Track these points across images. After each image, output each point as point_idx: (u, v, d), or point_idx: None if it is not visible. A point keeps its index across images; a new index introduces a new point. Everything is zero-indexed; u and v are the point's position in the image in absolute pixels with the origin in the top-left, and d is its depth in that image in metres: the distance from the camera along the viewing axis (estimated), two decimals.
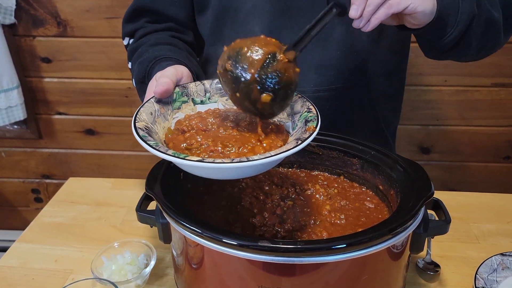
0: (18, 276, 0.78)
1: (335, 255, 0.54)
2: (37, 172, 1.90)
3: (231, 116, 0.65)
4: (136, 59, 0.86)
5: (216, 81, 0.70)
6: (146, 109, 0.63)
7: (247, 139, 0.60)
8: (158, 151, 0.53)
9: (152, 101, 0.65)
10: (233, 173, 0.58)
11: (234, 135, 0.61)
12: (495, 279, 0.73)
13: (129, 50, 0.91)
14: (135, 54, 0.88)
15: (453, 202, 0.94)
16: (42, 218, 0.93)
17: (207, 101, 0.70)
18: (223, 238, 0.55)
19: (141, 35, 0.90)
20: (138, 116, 0.60)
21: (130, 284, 0.72)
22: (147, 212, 0.68)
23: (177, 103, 0.67)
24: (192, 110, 0.69)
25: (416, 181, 0.66)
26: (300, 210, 0.71)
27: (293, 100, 0.65)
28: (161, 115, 0.64)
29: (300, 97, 0.66)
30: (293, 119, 0.65)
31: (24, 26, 1.59)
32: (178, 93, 0.68)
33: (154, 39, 0.88)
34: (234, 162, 0.52)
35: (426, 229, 0.63)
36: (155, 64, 0.79)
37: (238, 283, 0.59)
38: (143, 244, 0.78)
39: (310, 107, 0.63)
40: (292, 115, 0.65)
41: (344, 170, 0.79)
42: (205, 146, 0.59)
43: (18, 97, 1.64)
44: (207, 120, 0.64)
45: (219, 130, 0.62)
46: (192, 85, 0.70)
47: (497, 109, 1.62)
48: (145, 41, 0.88)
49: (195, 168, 0.56)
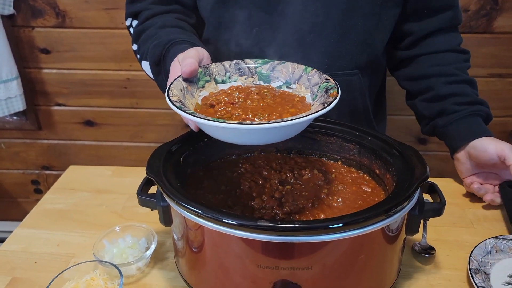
0: (21, 260, 0.79)
1: (332, 234, 0.56)
2: (36, 164, 1.91)
3: (255, 90, 0.68)
4: (144, 41, 0.87)
5: (235, 62, 0.74)
6: (175, 86, 0.66)
7: (274, 108, 0.63)
8: (198, 117, 0.56)
9: (180, 79, 0.68)
10: (267, 135, 0.60)
11: (262, 106, 0.64)
12: (489, 261, 0.75)
13: (135, 32, 0.91)
14: (143, 36, 0.88)
15: (449, 189, 0.95)
16: (44, 205, 0.94)
17: (228, 80, 0.73)
18: (223, 218, 0.56)
19: (146, 17, 0.90)
20: (170, 92, 0.64)
21: (131, 266, 0.73)
22: (147, 196, 0.69)
23: (201, 82, 0.71)
24: (214, 89, 0.72)
25: (411, 165, 0.67)
26: (298, 194, 0.73)
27: (310, 74, 0.69)
28: (188, 93, 0.68)
29: (317, 71, 0.69)
30: (312, 90, 0.68)
31: (23, 16, 1.60)
32: (201, 73, 0.71)
33: (161, 21, 0.88)
34: (270, 123, 0.54)
35: (421, 211, 0.65)
36: (170, 47, 0.80)
37: (237, 263, 0.60)
38: (144, 228, 0.80)
39: (328, 78, 0.66)
40: (311, 87, 0.68)
41: (342, 155, 0.81)
42: (237, 115, 0.62)
43: (18, 88, 1.64)
44: (232, 95, 0.67)
45: (246, 103, 0.65)
46: (213, 66, 0.73)
47: (493, 100, 1.62)
48: (151, 24, 0.89)
49: (234, 131, 0.58)
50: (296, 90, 0.70)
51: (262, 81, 0.73)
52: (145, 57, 0.86)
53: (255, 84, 0.73)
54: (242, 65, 0.74)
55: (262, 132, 0.58)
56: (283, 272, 0.59)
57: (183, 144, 0.76)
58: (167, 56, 0.80)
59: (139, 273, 0.75)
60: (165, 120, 1.76)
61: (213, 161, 0.81)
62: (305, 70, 0.70)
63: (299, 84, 0.71)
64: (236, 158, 0.83)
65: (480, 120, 0.91)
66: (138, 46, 0.90)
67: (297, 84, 0.71)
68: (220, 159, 0.82)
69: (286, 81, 0.72)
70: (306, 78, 0.70)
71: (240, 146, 0.83)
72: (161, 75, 0.82)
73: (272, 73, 0.73)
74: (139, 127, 1.78)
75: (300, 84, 0.70)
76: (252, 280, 0.61)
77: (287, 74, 0.72)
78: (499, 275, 0.72)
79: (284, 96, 0.68)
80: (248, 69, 0.74)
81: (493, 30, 1.50)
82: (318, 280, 0.60)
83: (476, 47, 1.53)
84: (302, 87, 0.70)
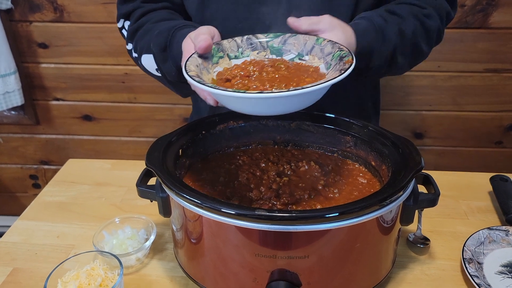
0: (21, 251, 0.80)
1: (328, 223, 0.57)
2: (35, 158, 1.91)
3: (268, 63, 0.69)
4: (142, 36, 0.87)
5: (247, 37, 0.74)
6: (192, 62, 0.67)
7: (290, 79, 0.64)
8: (218, 89, 0.57)
9: (195, 56, 0.69)
10: (288, 103, 0.60)
11: (277, 77, 0.64)
12: (482, 251, 0.76)
13: (129, 31, 0.91)
14: (139, 32, 0.88)
15: (444, 181, 0.96)
16: (43, 197, 0.95)
17: (240, 55, 0.74)
18: (221, 208, 0.57)
19: (140, 15, 0.91)
20: (187, 67, 0.65)
21: (131, 257, 0.74)
22: (147, 187, 0.70)
23: (215, 58, 0.72)
24: (228, 65, 0.73)
25: (406, 156, 0.68)
26: (295, 185, 0.74)
27: (322, 44, 0.69)
28: (204, 68, 0.69)
29: (329, 41, 0.69)
30: (325, 60, 0.68)
31: (21, 11, 1.60)
32: (215, 49, 0.72)
33: (156, 16, 0.89)
34: (291, 90, 0.55)
35: (416, 201, 0.66)
36: (176, 31, 0.80)
37: (235, 253, 0.61)
38: (143, 220, 0.81)
39: (341, 47, 0.66)
40: (324, 57, 0.68)
41: (338, 147, 0.82)
42: (254, 87, 0.62)
43: (16, 82, 1.64)
44: (247, 68, 0.68)
45: (262, 75, 0.66)
46: (225, 42, 0.74)
47: (489, 95, 1.64)
48: (147, 20, 0.89)
49: (256, 100, 0.58)
50: (309, 61, 0.70)
51: (274, 55, 0.73)
52: (146, 51, 0.86)
53: (268, 58, 0.73)
54: (253, 40, 0.74)
55: (283, 100, 0.58)
56: (280, 261, 0.60)
57: (182, 137, 0.77)
58: (173, 41, 0.79)
59: (138, 264, 0.76)
60: (163, 115, 1.76)
61: (211, 153, 0.82)
62: (317, 41, 0.70)
63: (311, 55, 0.70)
64: (234, 150, 0.84)
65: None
66: (134, 43, 0.90)
67: (310, 55, 0.70)
68: (218, 151, 0.83)
69: (299, 53, 0.72)
70: (318, 49, 0.69)
71: (237, 138, 0.84)
72: (168, 62, 0.81)
73: (284, 46, 0.73)
74: (138, 122, 1.78)
75: (313, 55, 0.70)
76: (250, 269, 0.62)
77: (299, 46, 0.72)
78: (491, 265, 0.74)
79: (298, 67, 0.68)
80: (260, 44, 0.74)
81: (489, 25, 1.51)
82: (315, 269, 0.61)
83: (472, 42, 1.54)
84: (315, 58, 0.70)
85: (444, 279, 0.73)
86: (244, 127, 0.83)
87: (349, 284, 0.65)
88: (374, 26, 0.78)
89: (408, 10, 0.85)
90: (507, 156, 1.77)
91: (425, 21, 0.85)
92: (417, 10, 0.85)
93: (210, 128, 0.80)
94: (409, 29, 0.82)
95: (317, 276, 0.62)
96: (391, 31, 0.79)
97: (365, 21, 0.78)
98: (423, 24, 0.85)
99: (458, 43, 1.55)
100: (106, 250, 0.75)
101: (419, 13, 0.85)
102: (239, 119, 0.82)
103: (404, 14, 0.83)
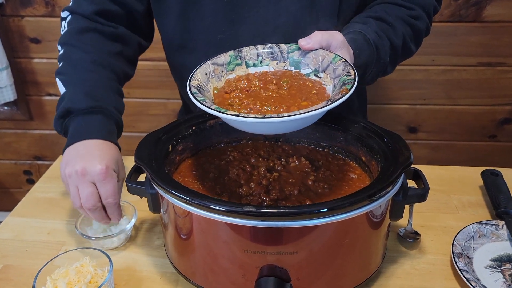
0: (12, 247, 0.80)
1: (317, 219, 0.57)
2: (28, 154, 1.91)
3: (273, 79, 0.70)
4: (64, 68, 0.82)
5: (269, 46, 0.75)
6: (202, 70, 0.69)
7: (285, 101, 0.65)
8: (204, 105, 0.60)
9: (209, 63, 0.70)
10: (264, 127, 0.63)
11: (274, 97, 0.66)
12: (472, 245, 0.77)
13: (61, 55, 0.85)
14: (60, 67, 0.83)
15: (435, 176, 0.97)
16: (35, 194, 0.95)
17: (259, 64, 0.74)
18: (210, 204, 0.57)
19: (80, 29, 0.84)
20: (193, 75, 0.67)
21: (112, 239, 0.77)
22: (137, 184, 0.70)
23: (231, 65, 0.73)
24: (244, 72, 0.73)
25: (396, 151, 0.68)
26: (285, 181, 0.74)
27: (336, 64, 0.68)
28: (215, 76, 0.70)
29: (343, 62, 0.68)
30: (334, 82, 0.68)
31: (12, 6, 1.58)
32: (233, 56, 0.73)
33: (83, 61, 0.81)
34: (265, 117, 0.56)
35: (405, 196, 0.66)
36: (71, 120, 0.76)
37: (225, 249, 0.62)
38: (125, 205, 0.82)
39: (350, 71, 0.65)
40: (334, 78, 0.68)
41: (329, 143, 0.82)
42: (245, 104, 0.64)
43: (8, 78, 1.63)
44: (252, 82, 0.69)
45: (260, 92, 0.67)
46: (246, 49, 0.74)
47: (483, 89, 1.65)
48: (75, 57, 0.82)
49: (232, 121, 0.61)
50: (323, 79, 0.70)
51: (293, 67, 0.73)
52: (62, 80, 0.81)
53: (286, 69, 0.73)
54: (275, 49, 0.74)
55: (256, 124, 0.60)
56: (270, 257, 0.60)
57: (172, 132, 0.76)
58: (67, 131, 0.77)
59: (121, 246, 0.79)
60: (157, 110, 1.76)
61: (202, 149, 0.82)
62: (333, 60, 0.69)
63: (325, 73, 0.70)
64: (224, 146, 0.84)
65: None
66: (61, 58, 0.84)
67: (324, 73, 0.70)
68: (208, 147, 0.83)
69: (315, 69, 0.71)
70: (332, 68, 0.68)
71: (227, 134, 0.83)
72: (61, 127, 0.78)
73: (303, 60, 0.72)
74: (131, 117, 1.78)
75: (327, 74, 0.69)
76: (239, 265, 0.62)
77: (317, 62, 0.71)
78: (481, 259, 0.74)
79: (301, 88, 0.68)
80: (281, 54, 0.74)
81: (483, 19, 1.51)
82: (304, 265, 0.61)
83: (466, 36, 1.54)
84: (327, 77, 0.69)
85: (434, 273, 0.74)
86: None
87: (339, 279, 0.65)
88: (369, 43, 0.79)
89: (396, 14, 0.85)
90: (501, 150, 1.77)
91: (414, 24, 0.86)
92: (405, 12, 0.86)
93: (200, 124, 0.80)
94: (400, 38, 0.84)
95: (307, 271, 0.62)
96: (385, 46, 0.81)
97: (361, 37, 0.78)
98: (413, 27, 0.86)
99: (451, 37, 1.55)
100: (89, 234, 0.78)
101: (407, 16, 0.86)
102: None
103: (393, 21, 0.83)
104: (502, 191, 0.87)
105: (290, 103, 0.64)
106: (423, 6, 0.88)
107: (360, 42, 0.78)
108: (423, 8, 0.87)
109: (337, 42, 0.70)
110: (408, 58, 0.91)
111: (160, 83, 1.69)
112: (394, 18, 0.84)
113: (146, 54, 1.63)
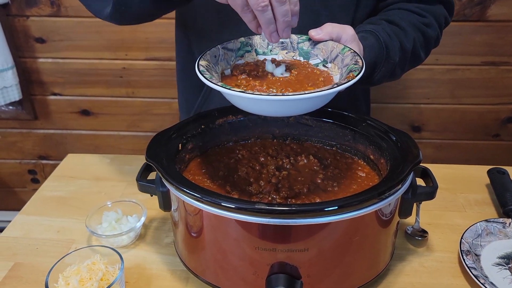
0: (22, 245, 0.81)
1: (327, 216, 0.57)
2: (33, 153, 1.91)
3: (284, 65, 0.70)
4: None
5: None
6: (212, 52, 0.70)
7: (291, 85, 0.65)
8: (211, 82, 0.60)
9: (219, 47, 0.71)
10: (268, 106, 0.61)
11: (281, 81, 0.66)
12: (479, 243, 0.77)
13: None
14: None
15: (441, 174, 0.96)
16: (43, 192, 0.95)
17: (269, 52, 0.75)
18: (221, 202, 0.58)
19: None
20: (203, 56, 0.67)
21: (122, 237, 0.77)
22: (147, 182, 0.70)
23: (241, 51, 0.73)
24: (253, 59, 0.74)
25: (405, 150, 0.69)
26: (294, 179, 0.74)
27: (345, 55, 0.69)
28: (224, 60, 0.71)
29: (352, 52, 0.68)
30: (341, 71, 0.68)
31: (17, 5, 1.59)
32: (243, 42, 0.73)
33: None
34: (270, 95, 0.57)
35: (414, 194, 0.66)
36: None
37: (235, 246, 0.62)
38: (133, 203, 0.83)
39: (358, 61, 0.65)
40: (341, 68, 0.68)
41: (337, 141, 0.82)
42: (252, 85, 0.65)
43: (13, 77, 1.64)
44: (260, 67, 0.69)
45: (268, 76, 0.67)
46: (257, 37, 0.75)
47: (487, 88, 1.65)
48: None
49: (237, 98, 0.61)
50: (331, 69, 0.70)
51: (302, 57, 0.73)
52: None
53: (295, 59, 0.73)
54: (285, 39, 0.74)
55: (261, 102, 0.59)
56: (280, 254, 0.61)
57: (182, 131, 0.77)
58: None
59: (131, 244, 0.80)
60: (161, 109, 1.76)
61: (211, 148, 0.83)
62: (342, 50, 0.69)
63: (334, 63, 0.70)
64: (233, 145, 0.84)
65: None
66: None
67: (333, 63, 0.70)
68: (217, 146, 0.83)
69: (324, 59, 0.72)
70: (340, 58, 0.69)
71: (236, 133, 0.84)
72: None
73: (312, 50, 0.73)
74: (136, 117, 1.78)
75: (335, 64, 0.70)
76: (250, 262, 0.62)
77: (326, 53, 0.71)
78: (489, 256, 0.75)
79: (310, 75, 0.68)
80: (291, 44, 0.74)
81: (487, 18, 1.51)
82: (314, 262, 0.62)
83: (470, 35, 1.54)
84: (335, 67, 0.70)
85: (442, 271, 0.74)
86: (243, 121, 0.83)
87: (348, 277, 0.66)
88: (379, 41, 0.79)
89: (409, 19, 0.86)
90: (504, 149, 1.78)
91: (425, 31, 0.87)
92: (417, 19, 0.87)
93: (209, 123, 0.81)
94: (410, 43, 0.84)
95: (317, 269, 0.62)
96: (395, 47, 0.81)
97: (372, 36, 0.79)
98: (424, 34, 0.87)
99: (456, 36, 1.55)
100: (99, 232, 0.79)
101: (419, 22, 0.86)
102: (238, 113, 0.82)
103: (405, 26, 0.84)
104: (509, 189, 0.87)
105: (297, 87, 0.64)
106: (435, 15, 0.89)
107: (370, 40, 0.78)
108: (435, 18, 0.89)
109: (347, 35, 0.70)
110: (416, 66, 0.92)
111: (165, 83, 1.70)
112: (407, 24, 0.84)
113: (151, 54, 1.65)
